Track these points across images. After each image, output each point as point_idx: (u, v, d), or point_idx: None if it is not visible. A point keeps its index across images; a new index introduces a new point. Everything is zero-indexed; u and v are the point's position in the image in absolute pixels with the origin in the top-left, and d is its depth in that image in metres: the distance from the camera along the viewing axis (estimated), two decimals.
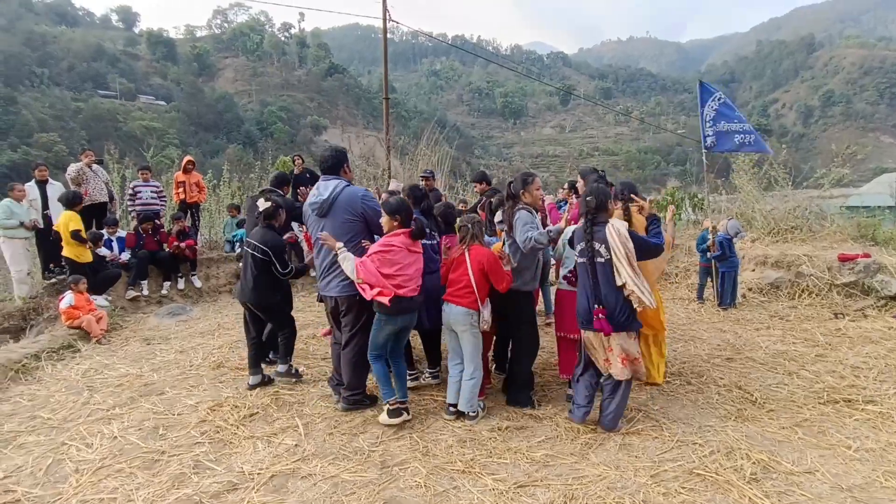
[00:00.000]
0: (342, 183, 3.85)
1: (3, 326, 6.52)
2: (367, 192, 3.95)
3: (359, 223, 3.82)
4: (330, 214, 3.81)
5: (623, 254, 3.32)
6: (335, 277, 3.85)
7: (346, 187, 3.84)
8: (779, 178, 9.46)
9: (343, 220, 3.79)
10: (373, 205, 3.87)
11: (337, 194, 3.79)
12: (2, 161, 52.34)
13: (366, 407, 4.04)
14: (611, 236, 3.36)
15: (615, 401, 3.55)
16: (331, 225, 3.81)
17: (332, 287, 3.89)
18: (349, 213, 3.79)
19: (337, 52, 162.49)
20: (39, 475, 3.21)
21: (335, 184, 3.83)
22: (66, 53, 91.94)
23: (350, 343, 3.93)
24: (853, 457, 3.22)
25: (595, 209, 3.48)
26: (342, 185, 3.84)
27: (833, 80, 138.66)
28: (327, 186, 3.84)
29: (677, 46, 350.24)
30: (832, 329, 5.89)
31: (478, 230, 3.84)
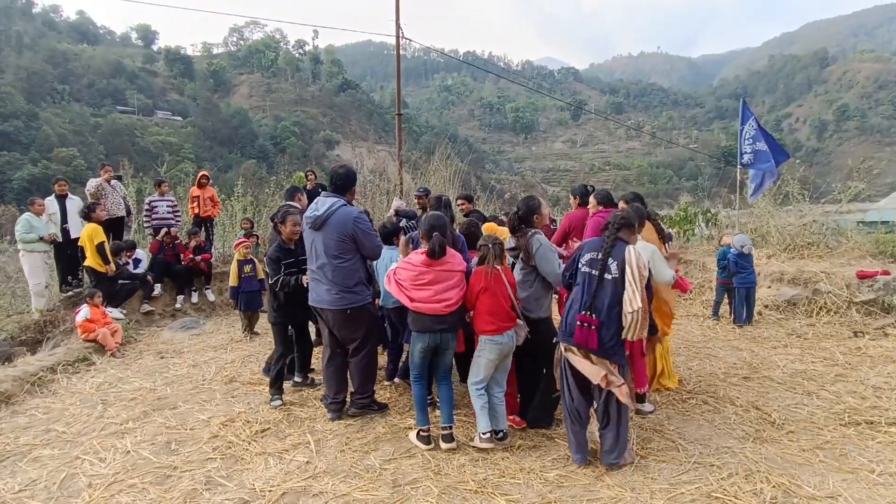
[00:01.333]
0: (339, 202, 3.96)
1: (20, 339, 6.61)
2: (360, 215, 4.02)
3: (348, 242, 3.89)
4: (323, 230, 3.92)
5: (637, 279, 3.17)
6: (326, 290, 3.92)
7: (342, 207, 3.94)
8: (794, 193, 9.36)
9: (334, 238, 3.88)
10: (364, 227, 3.95)
11: (331, 213, 3.89)
12: (23, 175, 53.54)
13: (373, 412, 4.15)
14: (629, 258, 3.23)
15: (612, 430, 3.29)
16: (322, 240, 3.92)
17: (323, 300, 3.95)
18: (339, 231, 3.87)
19: (350, 69, 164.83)
20: (53, 489, 3.22)
21: (332, 202, 3.94)
22: (86, 70, 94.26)
23: (360, 350, 4.07)
24: (876, 481, 3.13)
25: (619, 227, 3.35)
26: (339, 203, 3.94)
27: (847, 95, 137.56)
28: (325, 203, 3.96)
29: (688, 61, 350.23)
30: (852, 348, 5.77)
31: (499, 251, 3.67)
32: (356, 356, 4.09)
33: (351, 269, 3.92)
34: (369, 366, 4.15)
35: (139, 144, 70.21)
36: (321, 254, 3.92)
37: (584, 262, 3.39)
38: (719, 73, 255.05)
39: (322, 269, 3.93)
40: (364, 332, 4.05)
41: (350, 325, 3.99)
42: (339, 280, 3.89)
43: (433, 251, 3.52)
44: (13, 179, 53.11)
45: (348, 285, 3.91)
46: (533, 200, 3.96)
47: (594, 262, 3.33)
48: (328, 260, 3.87)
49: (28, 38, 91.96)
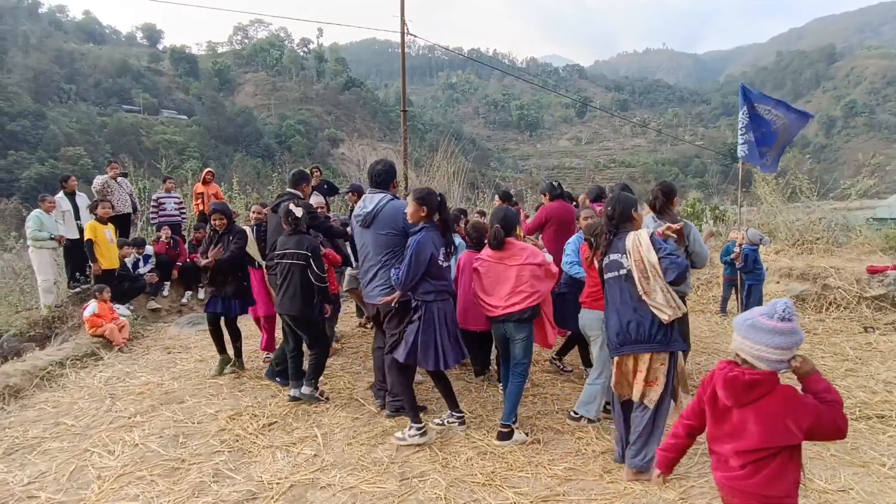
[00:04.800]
0: (388, 197, 3.90)
1: (29, 334, 6.66)
2: None
3: (399, 237, 3.84)
4: (372, 226, 3.86)
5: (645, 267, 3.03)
6: (378, 287, 3.88)
7: (391, 201, 3.88)
8: (803, 188, 9.28)
9: (384, 234, 3.82)
10: None
11: (381, 208, 3.82)
12: (30, 174, 53.86)
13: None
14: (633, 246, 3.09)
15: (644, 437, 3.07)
16: (372, 237, 3.86)
17: (374, 294, 3.91)
18: (391, 226, 3.81)
19: (354, 67, 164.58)
20: (63, 481, 3.24)
21: (381, 197, 3.87)
22: (92, 70, 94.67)
23: (395, 348, 3.98)
24: (888, 475, 3.11)
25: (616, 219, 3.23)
26: (387, 198, 3.88)
27: (855, 91, 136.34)
28: (373, 199, 3.89)
29: (694, 58, 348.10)
30: (862, 343, 5.73)
31: None
32: (389, 353, 3.99)
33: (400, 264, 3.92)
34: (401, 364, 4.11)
35: (145, 143, 70.48)
36: (371, 253, 3.89)
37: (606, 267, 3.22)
38: (726, 70, 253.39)
39: (373, 267, 3.90)
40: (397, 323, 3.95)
41: (392, 319, 3.93)
42: (387, 278, 3.84)
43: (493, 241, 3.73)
44: (21, 178, 53.39)
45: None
46: (670, 187, 4.12)
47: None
48: (379, 259, 3.83)
49: (34, 38, 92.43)
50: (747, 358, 1.84)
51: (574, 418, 3.91)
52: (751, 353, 1.82)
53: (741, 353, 1.86)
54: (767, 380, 1.79)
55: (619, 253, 3.11)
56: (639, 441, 3.07)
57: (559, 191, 5.73)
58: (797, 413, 1.76)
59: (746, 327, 1.84)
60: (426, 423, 3.70)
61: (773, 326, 1.78)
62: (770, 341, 1.77)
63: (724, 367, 1.89)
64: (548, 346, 4.19)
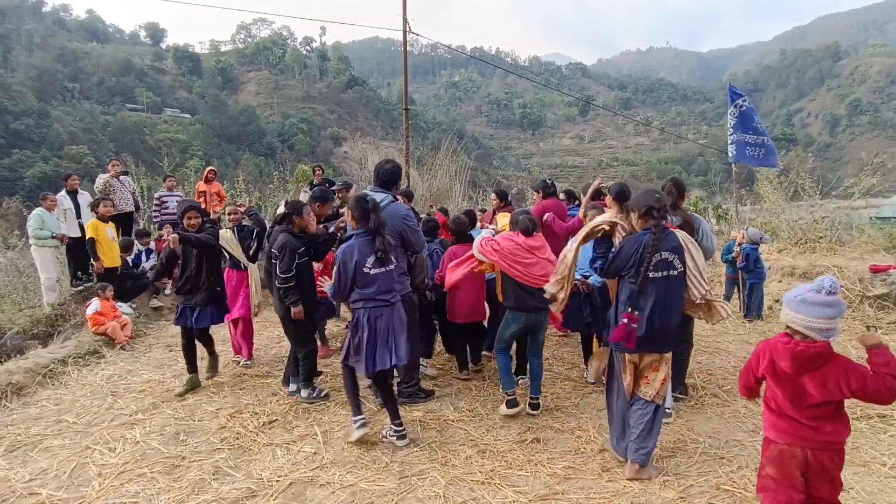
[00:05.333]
0: (389, 198, 4.00)
1: (32, 332, 6.67)
2: (407, 212, 4.09)
3: (395, 239, 3.86)
4: None
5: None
6: None
7: (391, 203, 3.98)
8: (805, 187, 9.24)
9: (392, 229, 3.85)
10: (411, 225, 4.00)
11: (381, 208, 3.84)
12: (34, 173, 54.08)
13: (421, 400, 4.23)
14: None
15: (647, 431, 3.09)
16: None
17: None
18: (389, 229, 3.82)
19: (357, 65, 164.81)
20: (64, 478, 3.25)
21: (382, 197, 3.95)
22: (96, 69, 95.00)
23: None
24: (889, 474, 3.10)
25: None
26: (388, 200, 3.98)
27: (860, 89, 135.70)
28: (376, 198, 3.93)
29: (697, 56, 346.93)
30: None
31: None
32: None
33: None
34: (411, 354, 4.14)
35: (148, 142, 70.64)
36: None
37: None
38: (729, 68, 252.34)
39: None
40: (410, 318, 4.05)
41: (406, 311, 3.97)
42: None
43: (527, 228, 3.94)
44: (25, 177, 53.65)
45: None
46: (681, 182, 4.23)
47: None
48: None
49: (38, 36, 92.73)
50: (800, 329, 2.13)
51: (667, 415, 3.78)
52: (804, 324, 2.11)
53: (793, 325, 2.15)
54: (827, 351, 2.11)
55: (670, 252, 3.03)
56: (641, 435, 3.07)
57: (553, 189, 5.96)
58: (848, 378, 2.08)
59: (797, 303, 2.14)
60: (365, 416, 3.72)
61: (823, 300, 2.08)
62: (820, 313, 2.08)
63: (784, 342, 2.18)
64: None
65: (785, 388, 2.21)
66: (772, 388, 2.26)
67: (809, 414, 2.16)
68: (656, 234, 3.01)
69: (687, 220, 3.98)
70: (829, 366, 2.11)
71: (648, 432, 3.08)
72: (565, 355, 5.48)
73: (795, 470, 2.18)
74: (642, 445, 3.06)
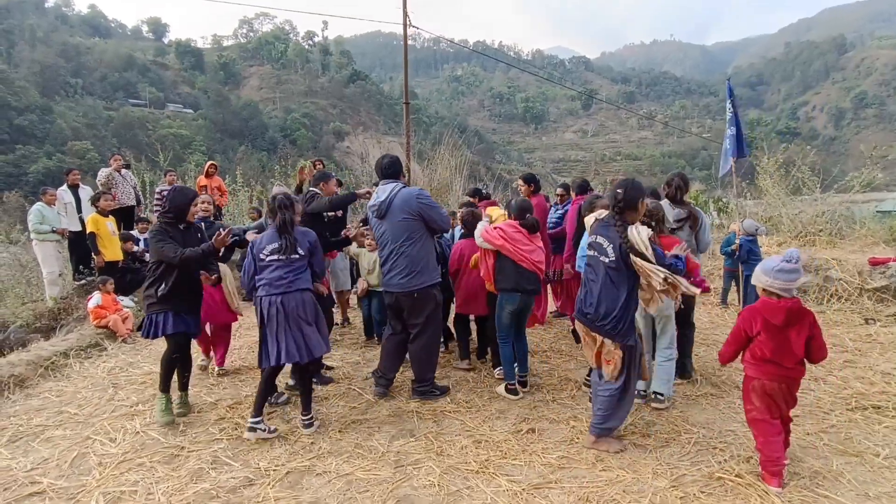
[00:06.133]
0: (398, 185, 4.07)
1: (35, 326, 6.73)
2: (421, 191, 4.13)
3: (416, 221, 3.98)
4: (388, 216, 4.01)
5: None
6: (397, 274, 4.01)
7: (402, 189, 4.04)
8: (805, 181, 9.21)
9: (400, 220, 3.97)
10: (427, 202, 4.04)
11: (393, 196, 3.99)
12: (38, 168, 54.24)
13: (436, 398, 4.19)
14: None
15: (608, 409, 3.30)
16: (389, 226, 4.01)
17: (393, 283, 4.05)
18: (406, 212, 3.96)
19: (359, 60, 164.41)
20: (65, 467, 3.30)
21: (392, 186, 4.04)
22: (98, 64, 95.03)
23: (419, 337, 4.14)
24: (882, 465, 3.11)
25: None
26: (398, 187, 4.05)
27: (865, 82, 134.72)
28: (385, 189, 4.05)
29: (702, 49, 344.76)
30: (862, 335, 5.70)
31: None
32: (415, 342, 4.16)
33: (420, 253, 4.01)
34: (427, 353, 4.19)
35: (151, 137, 70.74)
36: (389, 241, 4.02)
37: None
38: (734, 61, 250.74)
39: (392, 255, 4.03)
40: (425, 318, 4.10)
41: (415, 307, 4.07)
42: (408, 264, 3.98)
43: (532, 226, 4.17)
44: (29, 172, 53.81)
45: (416, 268, 4.00)
46: (686, 177, 4.47)
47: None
48: (397, 246, 3.97)
49: (41, 32, 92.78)
50: (777, 291, 2.83)
51: (660, 401, 3.94)
52: (781, 287, 2.81)
53: (772, 288, 2.84)
54: (802, 305, 2.85)
55: (606, 239, 3.21)
56: (600, 412, 3.32)
57: (539, 186, 6.08)
58: (815, 327, 2.85)
59: (776, 272, 2.82)
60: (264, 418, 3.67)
61: (792, 268, 2.79)
62: (791, 277, 2.80)
63: (774, 302, 2.84)
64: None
65: (775, 339, 2.85)
66: (763, 341, 2.88)
67: (790, 359, 2.86)
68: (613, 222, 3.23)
69: (692, 213, 4.24)
70: (806, 317, 2.83)
71: (610, 411, 3.30)
72: (563, 347, 5.51)
73: (774, 398, 2.91)
74: (600, 420, 3.31)
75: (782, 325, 2.80)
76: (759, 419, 2.94)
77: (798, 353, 2.83)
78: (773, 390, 2.89)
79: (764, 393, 2.91)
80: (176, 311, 3.76)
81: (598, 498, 2.82)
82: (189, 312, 3.87)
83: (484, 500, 2.84)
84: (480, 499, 2.85)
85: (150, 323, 3.76)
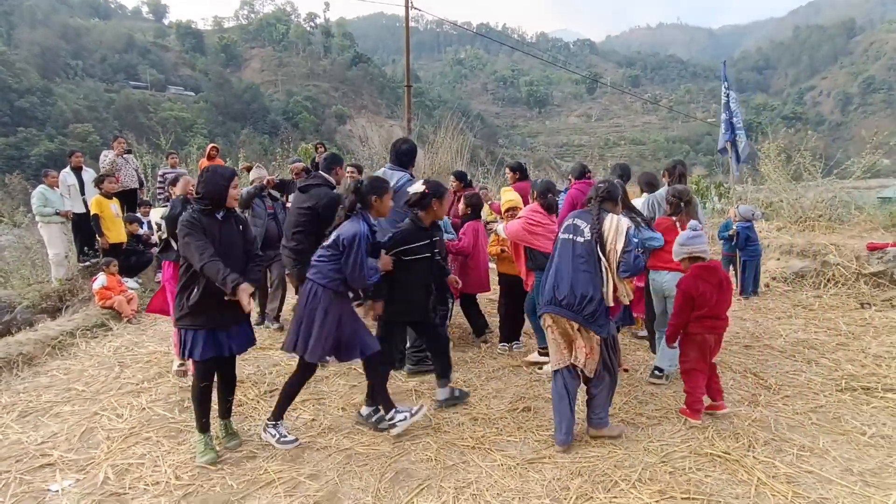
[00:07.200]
0: (406, 176, 4.17)
1: (41, 306, 6.83)
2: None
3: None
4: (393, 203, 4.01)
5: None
6: None
7: (409, 181, 4.11)
8: (807, 166, 9.19)
9: (398, 210, 3.94)
10: None
11: (399, 186, 4.04)
12: (40, 151, 54.18)
13: (430, 367, 4.19)
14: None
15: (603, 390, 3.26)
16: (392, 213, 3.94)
17: None
18: (399, 208, 3.93)
19: (361, 42, 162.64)
20: (74, 441, 3.41)
21: (400, 175, 4.15)
22: (98, 45, 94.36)
23: None
24: (868, 443, 3.19)
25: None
26: (406, 178, 4.15)
27: (874, 67, 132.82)
28: (393, 176, 4.13)
29: (709, 32, 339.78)
30: (857, 319, 5.76)
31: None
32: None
33: None
34: None
35: (153, 120, 70.46)
36: (384, 226, 3.97)
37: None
38: (741, 45, 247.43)
39: None
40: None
41: None
42: None
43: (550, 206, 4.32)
44: (31, 155, 53.77)
45: None
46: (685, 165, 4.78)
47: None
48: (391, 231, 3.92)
49: (41, 13, 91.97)
50: (699, 255, 3.45)
51: (658, 377, 4.11)
52: (700, 250, 3.44)
53: (695, 253, 3.45)
54: None
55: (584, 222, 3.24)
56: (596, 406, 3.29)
57: (526, 174, 6.23)
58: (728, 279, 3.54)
59: (690, 240, 3.47)
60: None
61: (699, 233, 3.49)
62: (702, 241, 3.49)
63: (705, 265, 3.44)
64: None
65: (714, 296, 3.37)
66: (705, 300, 3.36)
67: (724, 310, 3.46)
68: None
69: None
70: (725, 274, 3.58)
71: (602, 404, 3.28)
72: None
73: (707, 349, 3.42)
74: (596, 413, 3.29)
75: (717, 281, 3.38)
76: (693, 369, 3.43)
77: (728, 304, 3.48)
78: (708, 342, 3.41)
79: (701, 345, 3.41)
80: (210, 328, 3.04)
81: (590, 472, 2.91)
82: (226, 327, 3.10)
83: (479, 473, 2.93)
84: (476, 472, 2.94)
85: (181, 340, 3.13)
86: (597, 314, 3.08)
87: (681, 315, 3.43)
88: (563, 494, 2.73)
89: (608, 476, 2.87)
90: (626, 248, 3.07)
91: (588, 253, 3.13)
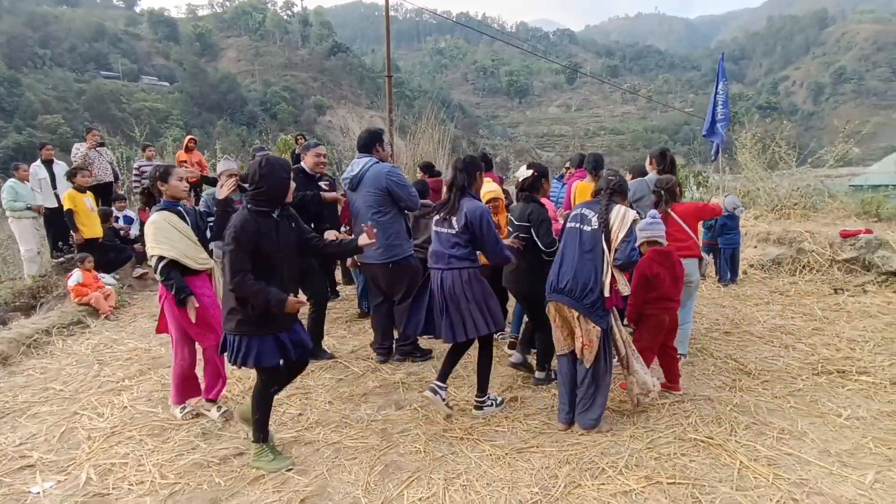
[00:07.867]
0: (371, 160, 4.20)
1: (14, 304, 6.65)
2: (392, 169, 4.22)
3: (384, 197, 4.11)
4: (359, 189, 4.17)
5: None
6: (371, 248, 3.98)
7: (374, 164, 4.17)
8: (782, 155, 9.37)
9: (369, 194, 4.11)
10: (396, 180, 4.14)
11: (365, 171, 4.15)
12: (8, 143, 52.43)
13: (417, 359, 4.40)
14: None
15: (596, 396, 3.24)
16: (360, 198, 4.17)
17: (369, 256, 4.13)
18: (375, 187, 4.10)
19: (340, 31, 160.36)
20: (53, 442, 3.33)
21: (365, 161, 4.19)
22: (67, 34, 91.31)
23: (404, 299, 4.16)
24: (844, 424, 3.29)
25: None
26: (371, 161, 4.19)
27: (845, 57, 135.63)
28: (358, 163, 4.22)
29: (686, 22, 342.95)
30: (831, 304, 5.92)
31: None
32: (401, 304, 4.19)
33: (390, 224, 4.11)
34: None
35: (126, 111, 68.66)
36: (362, 213, 4.14)
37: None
38: (717, 35, 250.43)
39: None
40: (408, 284, 4.17)
41: (393, 278, 4.20)
42: (380, 236, 3.91)
43: None
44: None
45: (389, 240, 4.09)
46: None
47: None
48: (369, 217, 4.04)
49: (6, 0, 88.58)
50: (658, 239, 3.57)
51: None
52: (659, 235, 3.57)
53: (654, 238, 3.56)
54: None
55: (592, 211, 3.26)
56: (584, 400, 3.26)
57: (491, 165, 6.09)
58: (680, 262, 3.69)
59: (649, 225, 3.57)
60: None
61: (657, 220, 3.64)
62: (662, 226, 3.63)
63: (662, 250, 3.58)
64: None
65: (670, 278, 3.55)
66: (662, 282, 3.52)
67: (678, 292, 3.63)
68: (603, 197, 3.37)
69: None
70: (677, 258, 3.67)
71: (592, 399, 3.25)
72: None
73: (661, 329, 3.63)
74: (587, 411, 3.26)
75: (671, 265, 3.57)
76: (647, 348, 3.59)
77: (681, 287, 3.67)
78: (663, 323, 3.62)
79: (658, 326, 3.61)
80: (276, 331, 2.83)
81: (578, 459, 2.95)
82: (289, 329, 2.91)
83: (468, 464, 2.95)
84: (465, 463, 2.96)
85: (232, 347, 2.81)
86: (597, 304, 3.13)
87: (636, 295, 3.53)
88: (552, 482, 2.76)
89: (595, 463, 2.91)
90: (626, 237, 3.11)
91: (594, 242, 3.17)
